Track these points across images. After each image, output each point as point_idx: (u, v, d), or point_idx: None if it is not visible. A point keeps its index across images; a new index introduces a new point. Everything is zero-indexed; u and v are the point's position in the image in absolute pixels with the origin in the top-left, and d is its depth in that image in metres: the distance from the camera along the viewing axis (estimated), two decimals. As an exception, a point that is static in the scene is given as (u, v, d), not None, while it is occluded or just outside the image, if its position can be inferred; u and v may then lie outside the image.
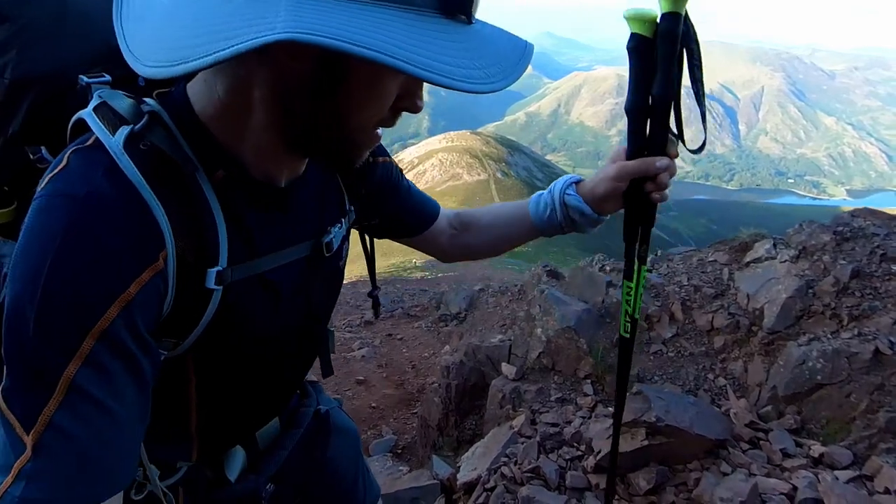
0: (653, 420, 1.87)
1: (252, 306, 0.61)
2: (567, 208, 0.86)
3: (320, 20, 0.42)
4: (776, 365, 2.34)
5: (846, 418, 2.04)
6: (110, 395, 0.46)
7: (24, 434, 0.44)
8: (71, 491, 0.45)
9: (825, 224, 2.58)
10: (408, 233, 0.91)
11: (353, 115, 0.53)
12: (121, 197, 0.48)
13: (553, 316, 2.98)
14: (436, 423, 3.42)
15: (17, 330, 0.45)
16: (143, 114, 0.52)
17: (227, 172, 0.56)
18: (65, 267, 0.45)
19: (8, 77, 0.60)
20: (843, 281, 2.28)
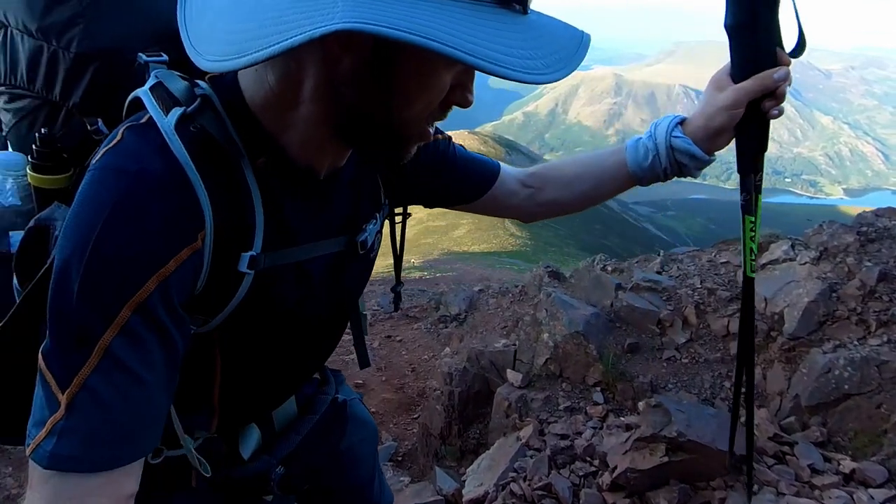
0: (674, 435, 1.74)
1: (283, 293, 0.62)
2: (674, 152, 0.80)
3: (378, 10, 0.42)
4: (798, 373, 2.22)
5: (876, 431, 1.92)
6: (142, 364, 0.48)
7: (60, 393, 0.46)
8: (97, 450, 0.47)
9: (847, 224, 2.46)
10: (462, 200, 0.88)
11: (404, 107, 0.53)
12: (168, 176, 0.50)
13: (560, 320, 2.86)
14: (438, 431, 3.29)
15: (62, 293, 0.47)
16: (196, 97, 0.54)
17: (270, 160, 0.57)
18: (110, 238, 0.47)
19: (74, 50, 0.62)
20: (870, 284, 2.16)
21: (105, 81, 0.64)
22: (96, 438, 0.47)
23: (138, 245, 0.48)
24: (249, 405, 0.76)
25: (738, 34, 0.73)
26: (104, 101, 0.64)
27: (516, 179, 0.91)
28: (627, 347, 2.72)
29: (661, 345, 2.74)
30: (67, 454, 0.46)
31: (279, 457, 0.79)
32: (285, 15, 0.44)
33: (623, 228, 50.02)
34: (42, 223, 0.63)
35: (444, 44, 0.41)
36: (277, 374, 0.75)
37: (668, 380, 2.55)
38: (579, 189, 0.90)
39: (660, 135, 0.81)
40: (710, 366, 2.57)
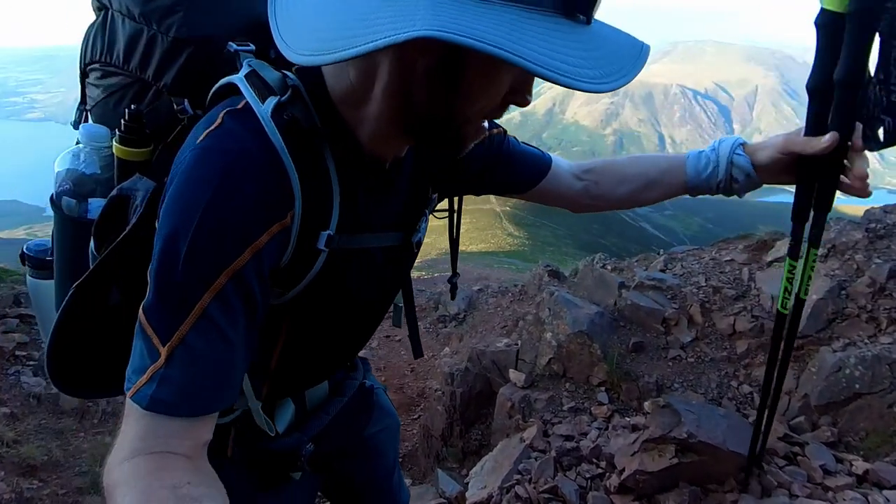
0: (684, 436, 1.70)
1: (348, 274, 0.68)
2: (733, 168, 0.85)
3: (454, 19, 0.46)
4: (807, 372, 2.18)
5: (889, 431, 1.88)
6: (231, 326, 0.53)
7: (161, 345, 0.51)
8: (190, 398, 0.52)
9: (856, 221, 2.42)
10: (514, 191, 0.93)
11: (466, 107, 0.56)
12: (266, 158, 0.55)
13: (564, 319, 2.82)
14: (439, 432, 3.25)
15: (169, 258, 0.52)
16: (288, 87, 0.58)
17: (346, 149, 0.62)
18: (214, 212, 0.51)
19: (172, 35, 0.67)
20: (880, 282, 2.12)
21: (196, 66, 0.68)
22: (189, 388, 0.52)
23: (239, 218, 0.53)
24: (298, 377, 0.82)
25: (814, 99, 0.75)
26: (193, 84, 0.68)
27: (570, 173, 0.96)
28: (632, 347, 2.68)
29: (667, 344, 2.71)
30: (165, 399, 0.51)
31: (310, 434, 0.83)
32: (370, 17, 0.48)
33: (621, 228, 49.98)
34: (124, 192, 0.67)
35: (510, 52, 0.44)
36: (329, 349, 0.82)
37: (674, 379, 2.51)
38: (633, 188, 0.95)
39: (723, 150, 0.86)
40: (716, 365, 2.53)
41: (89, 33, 0.76)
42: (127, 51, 0.70)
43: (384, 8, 0.48)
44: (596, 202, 0.97)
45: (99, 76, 0.75)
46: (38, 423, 3.51)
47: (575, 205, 0.99)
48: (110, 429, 3.61)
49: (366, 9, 0.49)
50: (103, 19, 0.73)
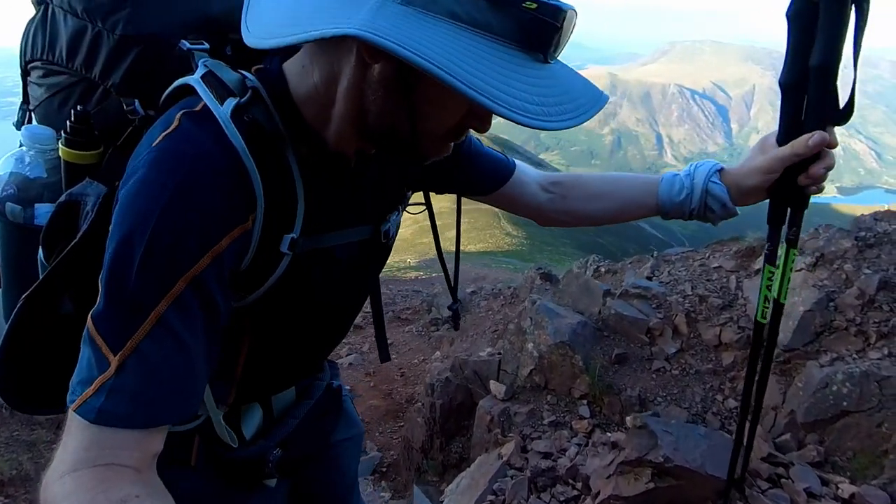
0: (660, 460, 1.61)
1: (313, 275, 0.66)
2: (708, 196, 0.83)
3: (394, 26, 0.46)
4: (794, 387, 2.09)
5: (877, 451, 1.80)
6: (189, 334, 0.52)
7: (111, 354, 0.49)
8: (143, 409, 0.50)
9: (845, 229, 2.33)
10: (476, 192, 0.91)
11: (420, 122, 0.56)
12: (226, 161, 0.53)
13: (545, 329, 2.73)
14: (420, 445, 3.16)
15: (121, 264, 0.50)
16: (248, 89, 0.57)
17: (311, 150, 0.61)
18: (171, 216, 0.50)
19: (119, 32, 0.64)
20: (869, 293, 2.03)
21: (146, 65, 0.65)
22: (143, 398, 0.50)
23: (197, 223, 0.51)
24: (265, 382, 0.80)
25: (786, 93, 0.72)
26: (143, 83, 0.65)
27: (536, 182, 0.93)
28: (615, 358, 2.59)
29: (651, 355, 2.62)
30: (114, 411, 0.48)
31: (276, 440, 0.82)
32: (320, 11, 0.49)
33: (619, 227, 49.87)
34: (74, 198, 0.64)
35: (444, 70, 0.44)
36: (296, 354, 0.79)
37: (658, 393, 2.42)
38: (602, 206, 0.92)
39: (699, 177, 0.83)
40: (701, 378, 2.44)
41: (29, 29, 0.72)
42: (70, 49, 0.67)
43: (335, 6, 0.49)
44: (561, 216, 0.95)
45: (41, 74, 0.71)
46: (10, 435, 3.41)
47: (539, 216, 0.96)
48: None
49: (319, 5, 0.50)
50: (43, 14, 0.69)
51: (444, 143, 0.61)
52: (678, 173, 0.87)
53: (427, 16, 0.47)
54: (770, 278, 0.86)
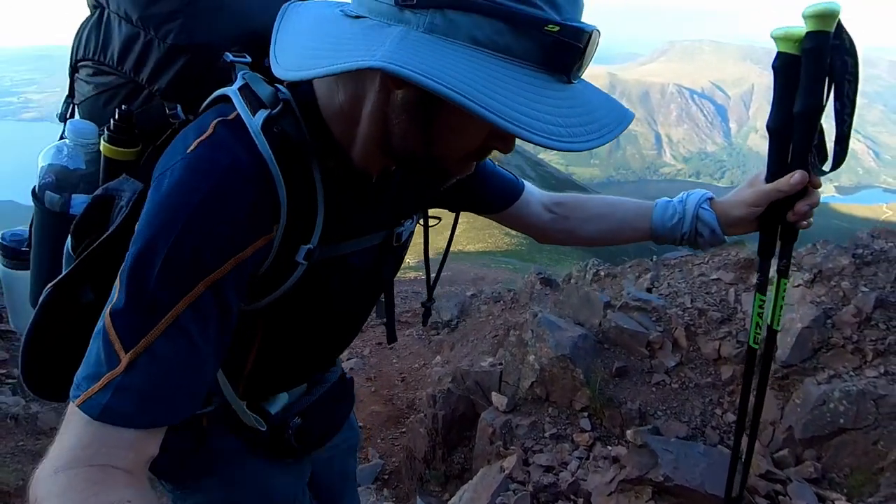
0: (660, 479, 1.64)
1: (328, 282, 0.68)
2: (698, 222, 0.87)
3: (415, 54, 0.47)
4: (792, 403, 2.12)
5: (873, 469, 1.83)
6: (202, 336, 0.52)
7: (122, 351, 0.49)
8: (147, 409, 0.50)
9: (843, 245, 2.37)
10: (486, 210, 0.95)
11: (441, 145, 0.57)
12: (255, 171, 0.55)
13: (546, 342, 2.75)
14: (422, 455, 3.19)
15: (145, 263, 0.50)
16: (279, 102, 0.59)
17: (336, 163, 0.63)
18: (200, 220, 0.51)
19: (170, 41, 0.67)
20: (866, 311, 2.07)
21: (191, 73, 0.68)
22: (149, 398, 0.50)
23: (225, 230, 0.52)
24: (275, 379, 0.82)
25: (773, 136, 0.77)
26: (187, 90, 0.68)
27: (541, 203, 0.97)
28: (615, 371, 2.62)
29: (651, 368, 2.65)
30: (118, 409, 0.49)
31: (295, 412, 0.85)
32: (343, 44, 0.52)
33: (617, 227, 49.58)
34: (110, 192, 0.66)
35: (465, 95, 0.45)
36: (306, 354, 0.81)
37: (658, 406, 2.45)
38: (598, 228, 0.96)
39: (690, 203, 0.88)
40: (700, 391, 2.47)
41: (82, 30, 0.75)
42: (122, 52, 0.70)
43: (359, 37, 0.51)
44: (561, 235, 0.99)
45: (90, 73, 0.74)
46: (15, 445, 3.43)
47: (541, 235, 1.00)
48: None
49: (343, 36, 0.52)
50: (98, 17, 0.73)
51: (466, 164, 0.62)
52: (671, 200, 0.92)
53: (449, 42, 0.48)
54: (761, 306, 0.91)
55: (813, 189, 0.77)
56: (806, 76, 0.72)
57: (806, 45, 0.71)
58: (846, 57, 0.71)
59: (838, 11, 0.69)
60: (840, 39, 0.71)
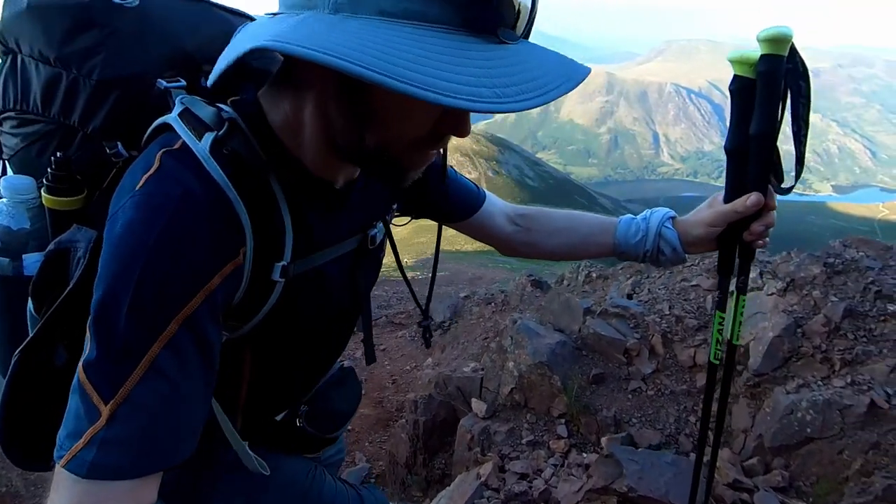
0: (624, 489, 1.66)
1: (307, 295, 0.66)
2: (661, 240, 0.88)
3: (313, 33, 0.44)
4: (762, 411, 2.14)
5: (838, 478, 1.85)
6: (184, 376, 0.50)
7: (102, 404, 0.47)
8: (136, 458, 0.48)
9: (815, 254, 2.38)
10: (446, 219, 0.92)
11: (382, 132, 0.54)
12: (210, 198, 0.52)
13: (525, 349, 2.77)
14: (404, 460, 3.20)
15: (111, 308, 0.48)
16: (224, 121, 0.57)
17: (294, 176, 0.60)
18: (160, 258, 0.49)
19: (95, 77, 0.63)
20: (835, 321, 2.09)
21: (126, 106, 0.65)
22: (137, 446, 0.48)
23: (187, 263, 0.50)
24: (270, 407, 0.81)
25: (731, 157, 0.79)
26: (125, 125, 0.65)
27: (504, 214, 0.97)
28: (593, 378, 2.64)
29: (628, 374, 2.67)
30: (106, 463, 0.47)
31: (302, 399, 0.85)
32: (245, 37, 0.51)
33: (614, 227, 49.50)
34: (63, 246, 0.64)
35: (369, 67, 0.41)
36: (299, 372, 0.80)
37: (633, 414, 2.47)
38: (561, 241, 0.96)
39: (653, 221, 0.89)
40: (675, 398, 2.49)
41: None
42: (45, 97, 0.66)
43: (266, 27, 0.50)
44: (524, 248, 0.98)
45: (15, 124, 0.70)
46: None
47: (504, 246, 0.99)
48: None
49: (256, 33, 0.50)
50: (11, 64, 0.68)
51: (419, 154, 0.58)
52: (635, 217, 0.92)
53: (355, 19, 0.45)
54: (721, 323, 0.92)
55: (768, 210, 0.78)
56: (760, 99, 0.74)
57: (760, 68, 0.73)
58: (800, 81, 0.73)
59: (791, 36, 0.71)
60: (793, 63, 0.72)
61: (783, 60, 0.72)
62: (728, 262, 0.87)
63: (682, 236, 0.87)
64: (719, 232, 0.83)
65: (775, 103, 0.73)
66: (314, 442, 0.88)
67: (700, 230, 0.84)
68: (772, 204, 0.78)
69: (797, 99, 0.74)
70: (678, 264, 0.92)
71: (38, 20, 0.64)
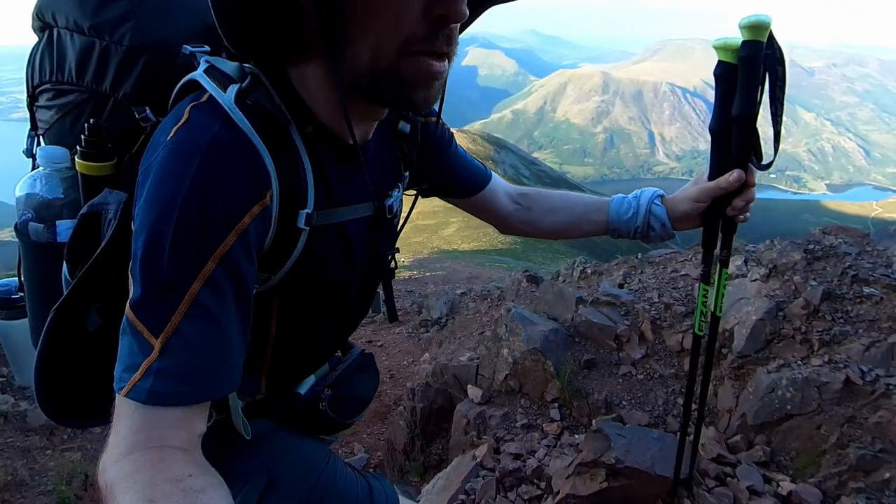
0: (612, 461, 1.75)
1: (329, 250, 0.68)
2: (650, 216, 0.93)
3: None
4: (746, 391, 2.24)
5: (816, 451, 1.94)
6: (223, 311, 0.54)
7: (153, 338, 0.51)
8: (189, 387, 0.52)
9: (796, 241, 2.48)
10: (455, 194, 0.96)
11: (372, 39, 0.55)
12: (237, 143, 0.56)
13: (519, 336, 2.86)
14: (402, 447, 3.28)
15: (154, 250, 0.52)
16: (247, 74, 0.60)
17: (314, 129, 0.63)
18: (195, 201, 0.52)
19: (126, 43, 0.67)
20: (814, 303, 2.18)
21: (154, 72, 0.68)
22: (188, 375, 0.52)
23: (219, 204, 0.53)
24: (294, 367, 0.83)
25: (715, 137, 0.84)
26: (153, 90, 0.68)
27: (507, 193, 1.00)
28: (584, 363, 2.73)
29: (619, 360, 2.76)
30: (163, 390, 0.50)
31: (325, 384, 0.87)
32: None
33: (610, 226, 49.65)
34: (96, 208, 0.67)
35: None
36: (320, 334, 0.81)
37: (623, 397, 2.56)
38: (558, 219, 1.01)
39: (643, 199, 0.94)
40: (664, 382, 2.58)
41: (33, 56, 0.75)
42: (79, 66, 0.70)
43: None
44: (523, 227, 1.02)
45: (51, 97, 0.74)
46: (5, 442, 3.49)
47: (504, 225, 1.03)
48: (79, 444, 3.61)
49: None
50: (48, 39, 0.73)
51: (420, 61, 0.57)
52: (626, 196, 0.97)
53: None
54: (705, 295, 0.99)
55: (749, 187, 0.84)
56: (742, 82, 0.79)
57: (742, 53, 0.78)
58: (777, 66, 0.79)
59: (769, 23, 0.77)
60: (772, 49, 0.77)
61: (762, 46, 0.77)
62: (712, 237, 0.93)
63: (670, 212, 0.92)
64: (704, 207, 0.88)
65: (755, 86, 0.79)
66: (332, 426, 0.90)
67: (686, 206, 0.90)
68: (752, 181, 0.83)
69: (774, 82, 0.79)
70: (667, 239, 0.97)
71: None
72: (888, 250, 2.29)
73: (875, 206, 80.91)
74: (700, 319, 1.02)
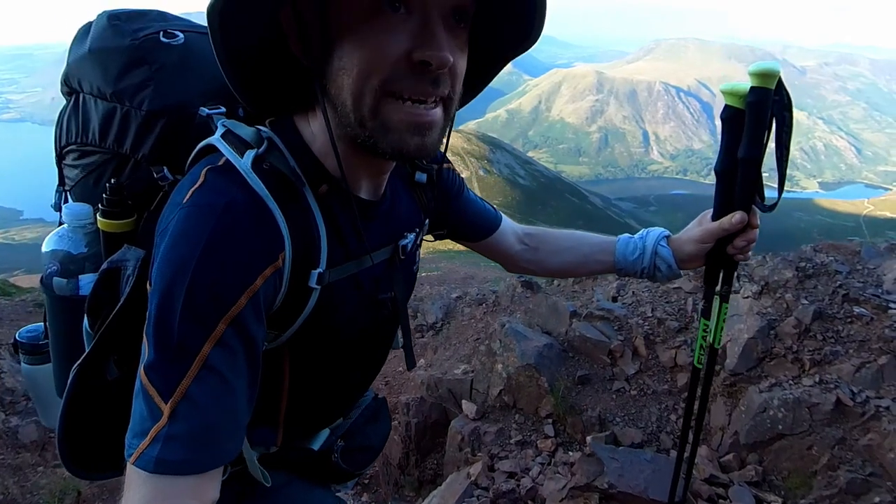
0: (605, 486, 1.75)
1: (343, 303, 0.69)
2: (657, 258, 0.95)
3: None
4: (738, 410, 2.25)
5: (807, 472, 1.96)
6: (233, 373, 0.54)
7: (163, 403, 0.51)
8: (197, 453, 0.51)
9: (788, 258, 2.50)
10: (467, 238, 0.99)
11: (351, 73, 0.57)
12: (252, 207, 0.57)
13: (513, 351, 2.86)
14: (397, 461, 3.28)
15: (167, 312, 0.52)
16: (263, 139, 0.62)
17: (329, 188, 0.65)
18: (209, 263, 0.53)
19: (146, 108, 0.71)
20: (805, 323, 2.19)
21: (172, 134, 0.71)
22: (196, 442, 0.52)
23: (232, 267, 0.54)
24: (312, 418, 0.84)
25: (720, 178, 0.86)
26: (170, 150, 0.71)
27: (515, 233, 1.03)
28: (578, 379, 2.73)
29: (612, 375, 2.76)
30: (171, 458, 0.50)
31: (338, 435, 0.88)
32: None
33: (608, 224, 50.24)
34: (115, 264, 0.69)
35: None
36: (336, 387, 0.82)
37: (617, 413, 2.57)
38: (564, 259, 1.03)
39: (650, 240, 0.96)
40: (657, 398, 2.59)
41: (62, 118, 0.79)
42: (102, 129, 0.74)
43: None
44: (531, 266, 1.04)
45: (76, 157, 0.78)
46: (-5, 459, 3.46)
47: (512, 264, 1.05)
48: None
49: None
50: (74, 103, 0.77)
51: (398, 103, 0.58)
52: (632, 237, 1.00)
53: None
54: (706, 329, 1.00)
55: (751, 228, 0.86)
56: (749, 126, 0.81)
57: (750, 98, 0.80)
58: (784, 112, 0.80)
59: (778, 71, 0.79)
60: (780, 95, 0.79)
61: (771, 93, 0.79)
62: (714, 274, 0.94)
63: (675, 253, 0.94)
64: (709, 248, 0.90)
65: (762, 131, 0.81)
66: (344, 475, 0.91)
67: (691, 247, 0.92)
68: (755, 222, 0.85)
69: (781, 128, 0.80)
70: (673, 279, 0.99)
71: (97, 61, 0.73)
72: (878, 269, 2.31)
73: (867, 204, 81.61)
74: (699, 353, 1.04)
